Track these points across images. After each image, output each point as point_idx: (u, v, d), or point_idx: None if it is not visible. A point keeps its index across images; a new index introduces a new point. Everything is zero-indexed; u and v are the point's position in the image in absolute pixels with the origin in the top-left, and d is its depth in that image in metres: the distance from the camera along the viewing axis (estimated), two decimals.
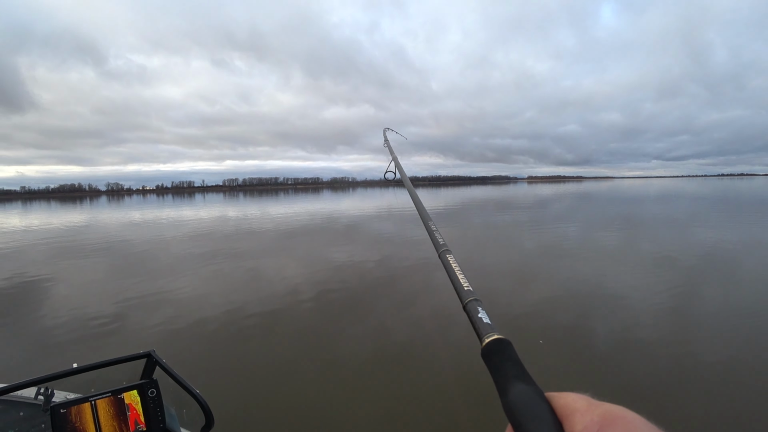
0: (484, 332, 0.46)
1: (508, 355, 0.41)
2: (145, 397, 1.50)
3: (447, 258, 0.72)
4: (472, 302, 0.55)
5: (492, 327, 0.47)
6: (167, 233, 18.02)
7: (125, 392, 1.47)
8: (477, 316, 0.51)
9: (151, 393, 1.52)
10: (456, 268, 0.67)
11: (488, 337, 0.44)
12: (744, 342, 4.74)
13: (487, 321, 0.49)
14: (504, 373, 0.38)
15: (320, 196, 64.01)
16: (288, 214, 27.51)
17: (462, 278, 0.63)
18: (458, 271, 0.66)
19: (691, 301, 6.25)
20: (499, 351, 0.42)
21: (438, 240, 0.83)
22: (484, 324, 0.48)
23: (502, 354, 0.41)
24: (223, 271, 9.44)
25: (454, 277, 0.65)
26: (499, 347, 0.42)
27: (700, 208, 23.58)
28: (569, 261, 9.36)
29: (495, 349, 0.42)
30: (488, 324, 0.48)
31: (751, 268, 8.22)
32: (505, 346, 0.42)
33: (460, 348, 4.75)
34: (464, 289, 0.59)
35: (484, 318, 0.50)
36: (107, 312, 6.61)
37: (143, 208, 42.81)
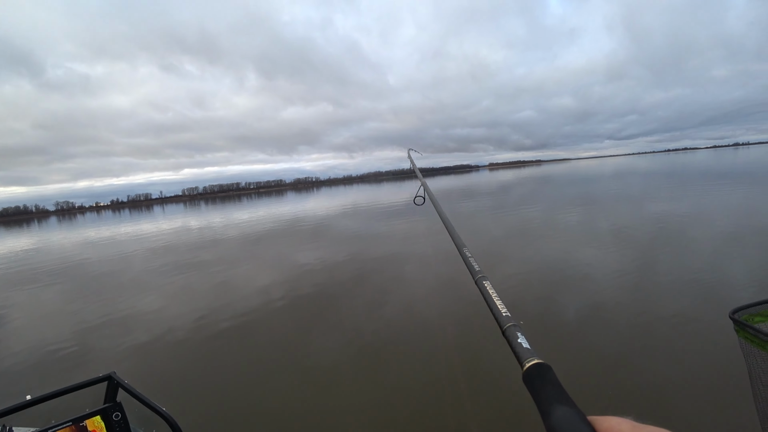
0: (525, 357, 0.47)
1: (548, 379, 0.42)
2: (109, 422, 1.46)
3: (484, 284, 0.72)
4: (511, 327, 0.56)
5: (532, 352, 0.49)
6: (127, 249, 17.33)
7: (88, 419, 1.42)
8: (517, 341, 0.52)
9: (115, 416, 1.47)
10: (493, 294, 0.67)
11: (529, 362, 0.46)
12: (694, 297, 5.19)
13: (527, 346, 0.50)
14: (546, 396, 0.39)
15: (284, 198, 63.05)
16: (252, 219, 27.01)
17: (500, 304, 0.63)
18: (496, 298, 0.66)
19: (649, 268, 6.70)
20: (540, 375, 0.43)
21: (474, 267, 0.83)
22: (523, 349, 0.50)
23: (543, 378, 0.42)
24: (189, 284, 9.23)
25: (492, 303, 0.65)
26: (540, 371, 0.44)
27: (652, 183, 25.02)
28: (537, 241, 9.76)
29: (536, 373, 0.44)
30: (528, 349, 0.49)
31: (698, 233, 8.86)
32: (546, 370, 0.44)
33: (437, 344, 4.91)
34: (503, 315, 0.60)
35: (523, 343, 0.51)
36: (66, 338, 6.35)
37: (98, 226, 40.86)
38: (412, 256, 9.83)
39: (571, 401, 0.37)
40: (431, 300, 6.36)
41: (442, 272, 7.96)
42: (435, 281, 7.45)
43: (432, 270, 8.28)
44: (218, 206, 61.26)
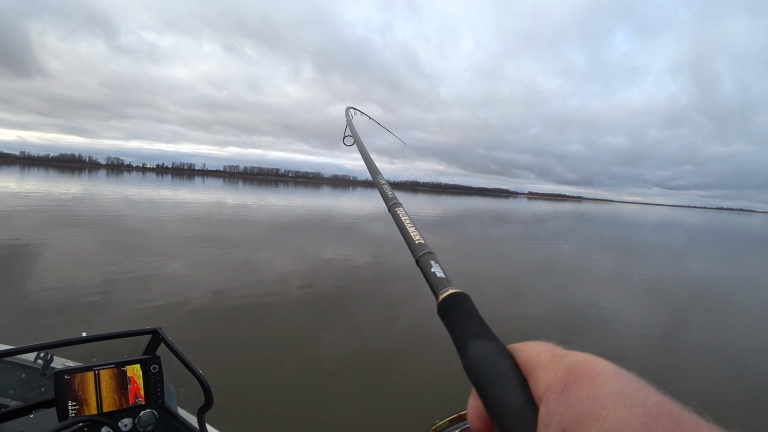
0: (440, 287, 0.42)
1: (466, 311, 0.37)
2: (147, 372, 1.52)
3: (396, 211, 0.66)
4: (425, 255, 0.50)
5: (448, 281, 0.43)
6: (163, 213, 17.99)
7: (129, 365, 1.49)
8: (430, 270, 0.46)
9: (153, 369, 1.54)
10: (407, 222, 0.61)
11: (444, 292, 0.40)
12: (724, 375, 4.86)
13: (441, 275, 0.44)
14: (462, 330, 0.34)
15: (320, 192, 63.95)
16: (286, 206, 27.50)
17: (414, 231, 0.57)
18: (409, 225, 0.60)
19: (679, 330, 6.35)
20: (456, 307, 0.38)
21: (387, 193, 0.78)
22: (438, 278, 0.44)
23: (460, 309, 0.37)
24: (214, 257, 9.47)
25: (405, 231, 0.59)
26: (456, 302, 0.38)
27: (703, 241, 23.76)
28: (563, 281, 9.45)
29: (452, 304, 0.38)
30: (443, 278, 0.44)
31: (739, 303, 8.33)
32: (463, 300, 0.38)
33: (444, 352, 4.82)
34: (416, 243, 0.54)
35: (438, 272, 0.45)
36: (93, 285, 6.64)
37: (142, 186, 42.65)
38: None
39: (491, 333, 0.32)
40: None
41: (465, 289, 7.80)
42: None
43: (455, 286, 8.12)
44: (255, 188, 62.80)
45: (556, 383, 0.24)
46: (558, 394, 0.24)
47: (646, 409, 0.20)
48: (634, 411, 0.19)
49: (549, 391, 0.24)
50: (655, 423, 0.18)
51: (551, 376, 0.25)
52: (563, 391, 0.23)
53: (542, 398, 0.25)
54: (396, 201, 0.71)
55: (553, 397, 0.24)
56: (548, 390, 0.24)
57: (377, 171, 0.95)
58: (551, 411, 0.23)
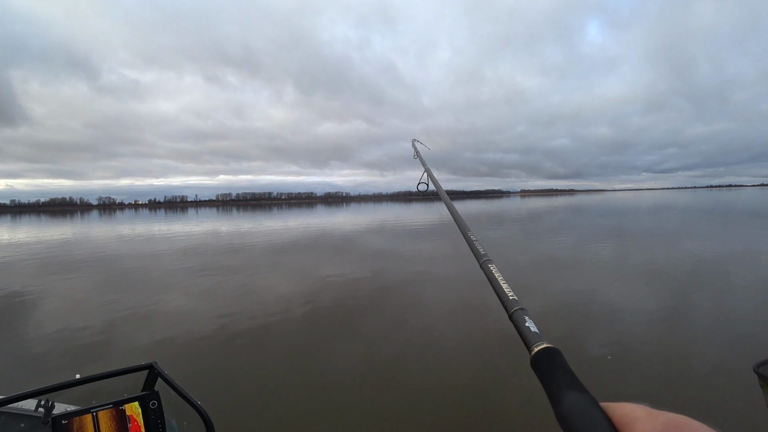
0: (533, 341, 0.45)
1: (559, 364, 0.40)
2: (146, 409, 1.50)
3: (489, 267, 0.70)
4: (518, 311, 0.53)
5: (540, 336, 0.46)
6: (159, 248, 17.93)
7: (127, 404, 1.47)
8: (524, 325, 0.50)
9: (152, 405, 1.52)
10: (499, 278, 0.64)
11: (537, 346, 0.44)
12: (729, 344, 4.88)
13: (535, 330, 0.48)
14: (556, 381, 0.37)
15: (314, 211, 63.95)
16: (281, 229, 27.47)
17: (506, 287, 0.61)
18: (502, 281, 0.63)
19: (683, 309, 6.36)
20: (549, 359, 0.41)
21: (479, 250, 0.81)
22: (532, 333, 0.47)
23: (553, 362, 0.40)
24: (213, 286, 9.42)
25: (498, 286, 0.62)
26: (549, 356, 0.41)
27: (692, 219, 23.93)
28: (565, 272, 9.47)
29: (545, 357, 0.41)
30: (536, 333, 0.47)
31: (740, 276, 8.37)
32: (555, 354, 0.41)
33: (452, 365, 4.80)
34: (509, 299, 0.57)
35: (531, 327, 0.49)
36: (93, 325, 6.59)
37: (135, 223, 42.51)
38: (435, 278, 9.72)
39: (583, 387, 0.35)
40: (451, 325, 6.24)
41: (464, 297, 7.81)
42: (457, 306, 7.31)
43: (454, 295, 8.14)
44: (249, 213, 62.72)
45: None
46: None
47: None
48: None
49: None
50: None
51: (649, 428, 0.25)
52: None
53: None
54: (488, 258, 0.74)
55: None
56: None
57: (467, 227, 0.98)
58: None
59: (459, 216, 1.08)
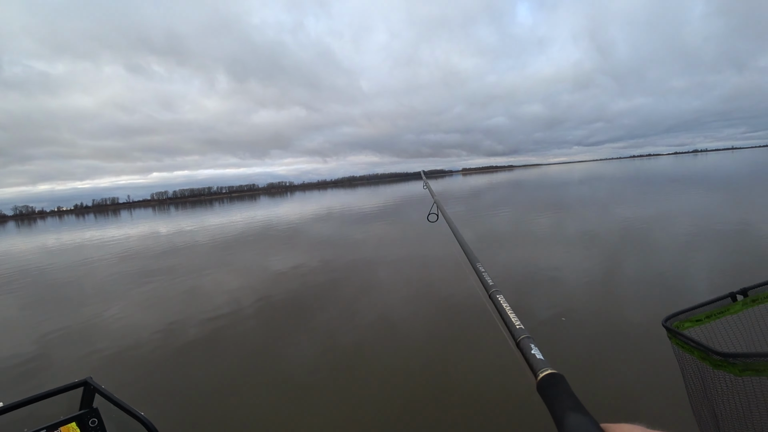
0: (539, 368, 0.49)
1: (562, 389, 0.44)
2: (85, 429, 1.44)
3: (497, 298, 0.73)
4: (525, 339, 0.57)
5: (545, 363, 0.50)
6: (91, 256, 16.71)
7: (63, 426, 1.40)
8: (530, 352, 0.53)
9: (92, 423, 1.45)
10: (507, 308, 0.68)
11: (542, 372, 0.48)
12: (657, 298, 5.44)
13: (540, 357, 0.52)
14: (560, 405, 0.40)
15: (257, 203, 62.13)
16: (225, 224, 26.52)
17: (513, 317, 0.65)
18: (509, 310, 0.67)
19: (616, 270, 6.98)
20: (554, 384, 0.45)
21: (487, 281, 0.84)
22: (537, 360, 0.51)
23: (557, 387, 0.44)
24: (157, 292, 9.00)
25: (506, 316, 0.66)
26: (554, 381, 0.45)
27: (623, 188, 26.02)
28: (512, 244, 9.99)
29: (550, 382, 0.45)
30: (541, 360, 0.51)
31: (661, 234, 9.30)
32: (559, 379, 0.46)
33: (409, 349, 4.97)
34: (516, 328, 0.61)
35: (537, 354, 0.53)
36: (25, 349, 6.12)
37: (61, 231, 39.24)
38: (386, 262, 9.90)
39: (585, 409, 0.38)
40: (406, 307, 6.43)
41: (416, 278, 8.05)
42: (410, 287, 7.52)
43: (406, 276, 8.36)
44: (189, 211, 59.80)
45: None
46: None
47: None
48: None
49: None
50: None
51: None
52: None
53: None
54: (496, 289, 0.78)
55: None
56: None
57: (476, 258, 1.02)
58: None
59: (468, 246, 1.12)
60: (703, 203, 14.80)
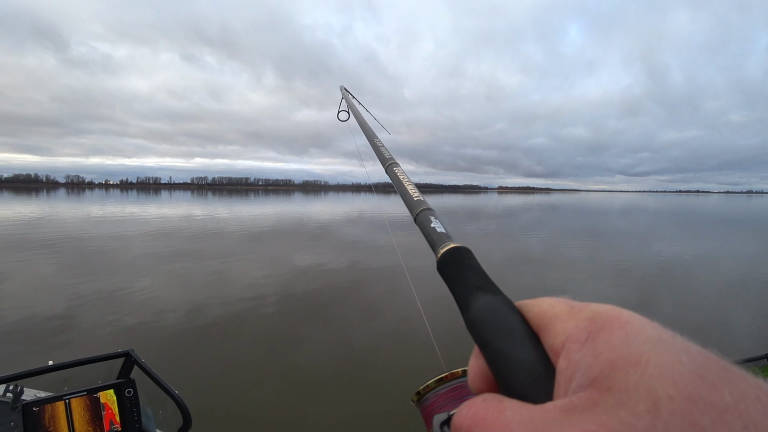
0: (440, 242, 0.40)
1: (468, 264, 0.34)
2: (121, 397, 1.47)
3: (395, 170, 0.67)
4: (424, 212, 0.49)
5: (448, 236, 0.41)
6: (131, 230, 17.42)
7: (101, 391, 1.43)
8: (430, 226, 0.45)
9: (128, 393, 1.48)
10: (404, 179, 0.62)
11: (444, 247, 0.38)
12: None
13: (442, 230, 0.43)
14: (465, 284, 0.32)
15: (292, 199, 63.31)
16: (258, 215, 27.10)
17: (412, 189, 0.57)
18: (407, 182, 0.60)
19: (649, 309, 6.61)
20: (458, 261, 0.36)
21: (384, 155, 0.78)
22: (438, 233, 0.42)
23: (462, 263, 0.35)
24: (185, 272, 9.25)
25: (403, 189, 0.59)
26: (458, 255, 0.36)
27: (666, 223, 24.84)
28: (541, 268, 9.69)
29: (453, 258, 0.36)
30: (443, 233, 0.42)
31: (701, 277, 8.76)
32: (464, 253, 0.36)
33: (425, 353, 4.86)
34: (414, 200, 0.54)
35: (437, 227, 0.44)
36: (59, 310, 6.39)
37: (105, 204, 41.19)
38: (412, 270, 9.77)
39: (495, 287, 0.30)
40: (426, 315, 6.30)
41: (442, 291, 7.89)
42: (432, 296, 7.39)
43: (431, 285, 8.21)
44: (225, 198, 61.62)
45: (578, 333, 0.21)
46: (581, 344, 0.20)
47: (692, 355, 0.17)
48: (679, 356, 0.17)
49: (570, 341, 0.21)
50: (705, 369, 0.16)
51: (571, 326, 0.22)
52: (588, 341, 0.20)
53: (561, 351, 0.21)
54: (393, 161, 0.72)
55: (576, 348, 0.20)
56: (569, 341, 0.21)
57: (374, 135, 0.95)
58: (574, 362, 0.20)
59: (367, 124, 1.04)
60: (753, 249, 13.89)
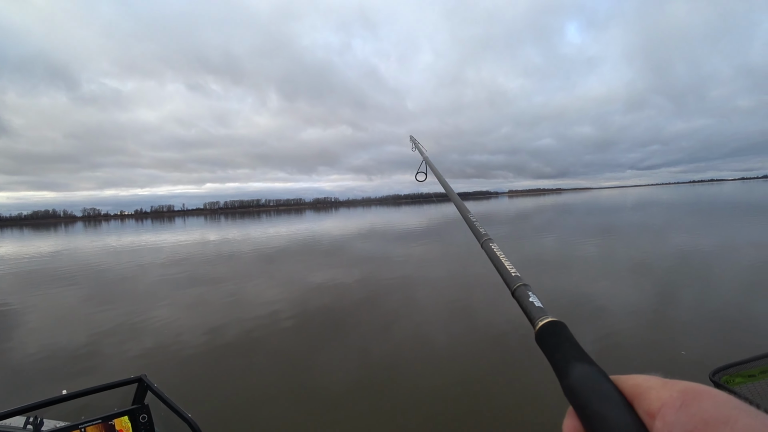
0: (537, 316, 0.44)
1: (565, 337, 0.39)
2: (136, 423, 1.49)
3: (490, 246, 0.70)
4: (521, 287, 0.53)
5: (544, 310, 0.45)
6: (147, 259, 17.71)
7: (116, 418, 1.46)
8: (528, 300, 0.49)
9: (142, 419, 1.51)
10: (501, 256, 0.65)
11: (542, 320, 0.43)
12: (715, 337, 4.99)
13: (539, 305, 0.47)
14: (562, 354, 0.36)
15: (303, 217, 63.69)
16: (270, 236, 27.32)
17: (508, 265, 0.61)
18: (503, 258, 0.64)
19: (668, 305, 6.49)
20: (554, 333, 0.40)
21: (479, 230, 0.81)
22: (536, 308, 0.47)
23: (559, 336, 0.39)
24: (202, 297, 9.33)
25: (500, 264, 0.63)
26: (555, 329, 0.41)
27: (677, 215, 24.39)
28: (558, 268, 9.58)
29: (550, 331, 0.41)
30: (540, 308, 0.46)
31: (723, 267, 8.57)
32: (561, 328, 0.41)
33: (442, 372, 4.83)
34: (512, 275, 0.57)
35: (535, 302, 0.48)
36: (87, 341, 6.49)
37: (121, 234, 41.92)
38: (425, 281, 9.75)
39: (591, 359, 0.33)
40: (444, 329, 6.28)
41: (454, 299, 7.86)
42: (447, 309, 7.35)
43: (444, 297, 8.18)
44: (237, 221, 62.23)
45: (673, 401, 0.24)
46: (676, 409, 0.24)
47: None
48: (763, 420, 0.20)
49: (665, 407, 0.24)
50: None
51: (666, 396, 0.25)
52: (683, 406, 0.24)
53: (657, 414, 0.24)
54: (488, 237, 0.74)
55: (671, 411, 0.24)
56: (664, 406, 0.24)
57: (466, 209, 0.97)
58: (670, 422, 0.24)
59: (459, 200, 1.07)
60: None
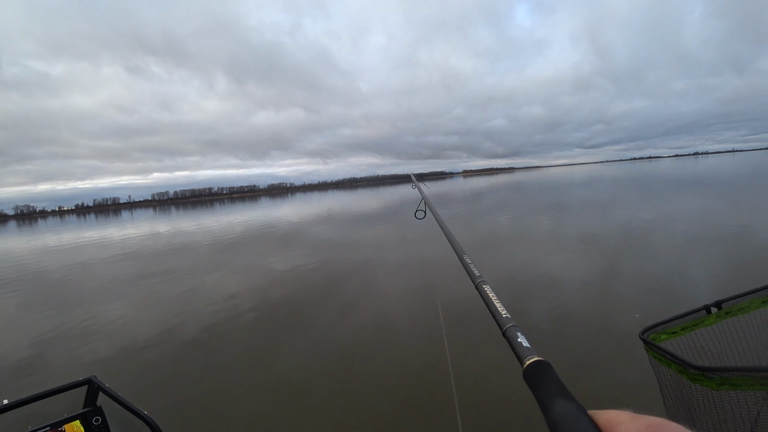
0: (525, 355, 0.49)
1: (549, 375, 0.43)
2: (89, 427, 1.43)
3: (484, 288, 0.75)
4: (511, 328, 0.57)
5: (531, 350, 0.50)
6: (92, 256, 16.76)
7: (66, 424, 1.39)
8: (517, 340, 0.54)
9: (96, 421, 1.45)
10: (493, 297, 0.70)
11: (529, 359, 0.47)
12: (654, 299, 5.43)
13: (526, 345, 0.52)
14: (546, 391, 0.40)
15: (258, 204, 62.24)
16: (225, 225, 26.56)
17: (499, 306, 0.66)
18: (495, 300, 0.68)
19: (613, 273, 6.98)
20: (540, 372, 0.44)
21: (474, 272, 0.87)
22: (524, 348, 0.51)
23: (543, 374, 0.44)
24: (155, 292, 9.00)
25: (492, 305, 0.67)
26: (540, 368, 0.45)
27: (623, 190, 26.00)
28: (511, 245, 9.99)
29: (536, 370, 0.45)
30: (528, 348, 0.51)
31: (658, 238, 9.29)
32: (546, 367, 0.45)
33: (405, 350, 4.97)
34: (503, 316, 0.62)
35: (523, 342, 0.52)
36: (31, 348, 6.12)
37: (62, 232, 39.34)
38: (385, 262, 9.90)
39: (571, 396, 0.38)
40: (402, 310, 6.43)
41: (412, 281, 8.05)
42: (405, 290, 7.53)
43: (403, 279, 8.36)
44: (189, 211, 59.91)
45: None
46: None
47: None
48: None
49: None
50: None
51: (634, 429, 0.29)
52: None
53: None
54: (482, 279, 0.80)
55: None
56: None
57: (462, 250, 1.03)
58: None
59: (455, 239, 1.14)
60: (702, 207, 14.77)
